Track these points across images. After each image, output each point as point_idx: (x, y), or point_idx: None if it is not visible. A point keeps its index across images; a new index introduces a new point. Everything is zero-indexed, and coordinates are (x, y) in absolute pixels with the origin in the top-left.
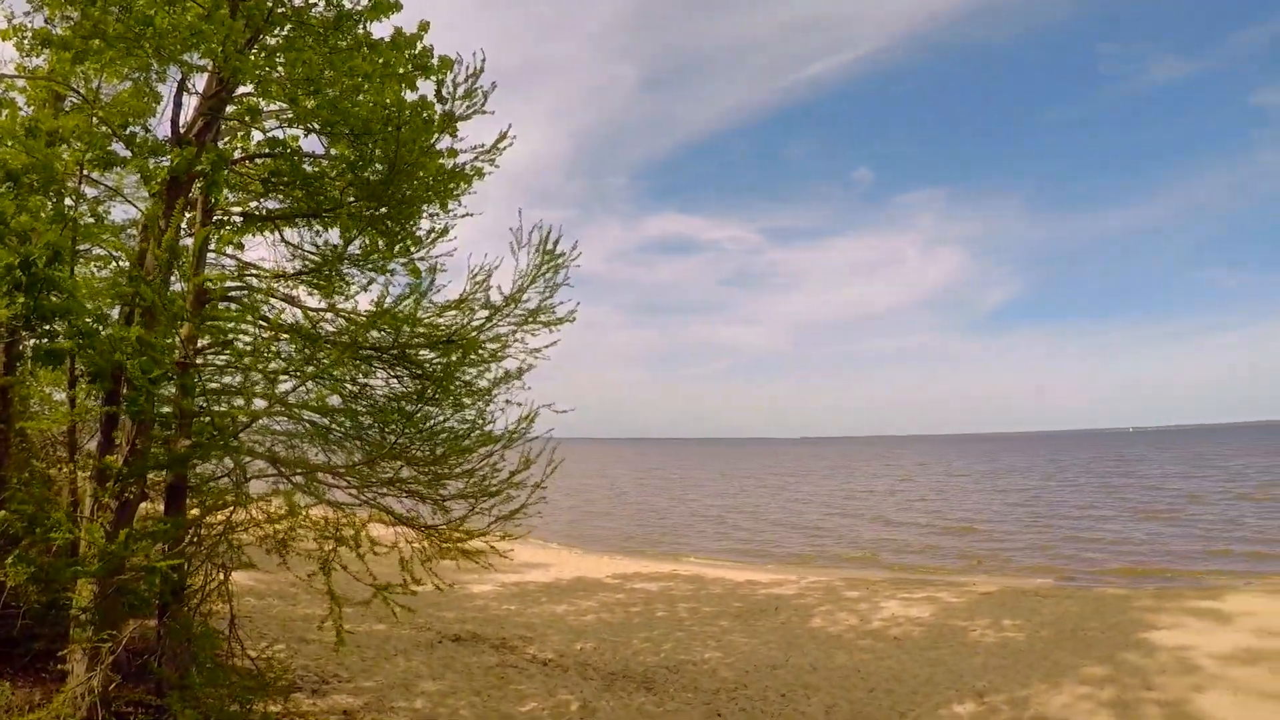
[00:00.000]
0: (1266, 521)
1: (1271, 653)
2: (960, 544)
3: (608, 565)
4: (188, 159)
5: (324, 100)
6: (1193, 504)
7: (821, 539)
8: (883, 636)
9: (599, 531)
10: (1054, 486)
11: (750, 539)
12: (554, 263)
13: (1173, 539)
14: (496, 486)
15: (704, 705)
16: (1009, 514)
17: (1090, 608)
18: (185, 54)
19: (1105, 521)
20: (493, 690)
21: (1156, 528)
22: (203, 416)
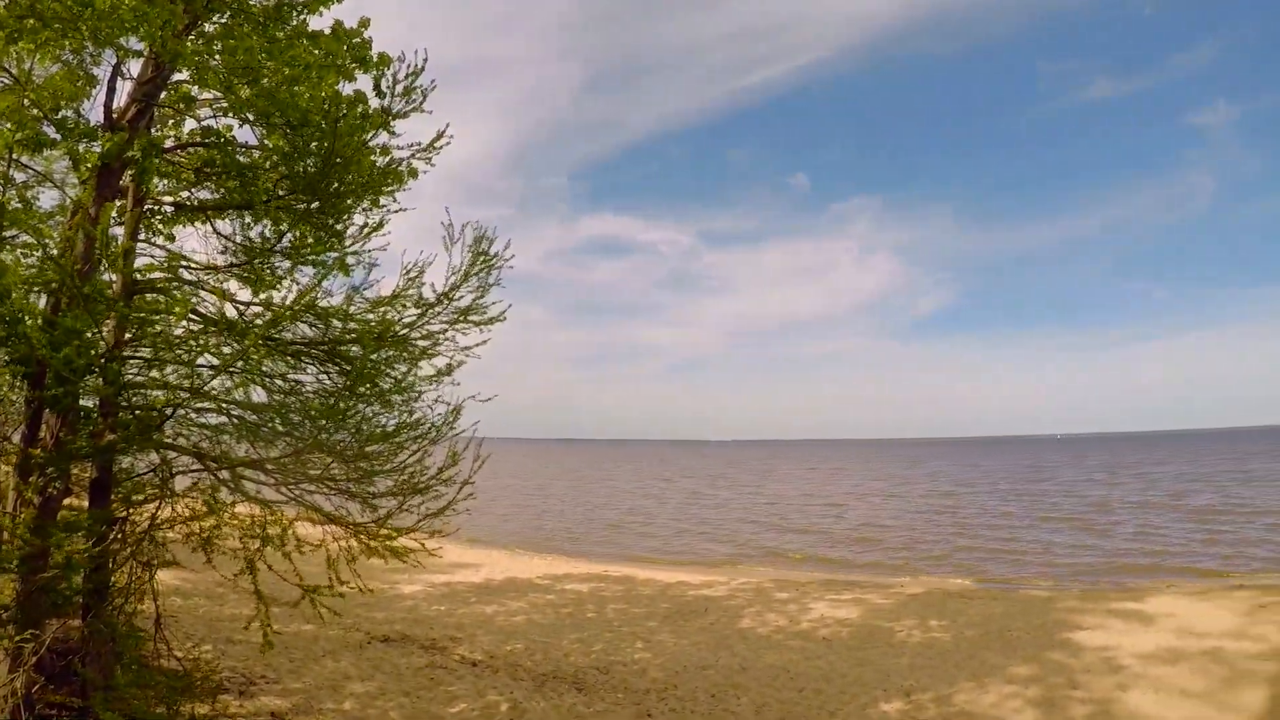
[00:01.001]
0: (1176, 527)
1: (1192, 652)
2: (887, 546)
3: (538, 566)
4: (119, 144)
5: (260, 90)
6: (1108, 511)
7: (750, 540)
8: (811, 637)
9: (530, 532)
10: (980, 491)
11: (681, 540)
12: (487, 262)
13: (1090, 544)
14: (424, 483)
15: (634, 705)
16: (936, 517)
17: (1016, 609)
18: (122, 37)
19: (1028, 527)
20: (422, 691)
21: (1073, 532)
22: (128, 408)
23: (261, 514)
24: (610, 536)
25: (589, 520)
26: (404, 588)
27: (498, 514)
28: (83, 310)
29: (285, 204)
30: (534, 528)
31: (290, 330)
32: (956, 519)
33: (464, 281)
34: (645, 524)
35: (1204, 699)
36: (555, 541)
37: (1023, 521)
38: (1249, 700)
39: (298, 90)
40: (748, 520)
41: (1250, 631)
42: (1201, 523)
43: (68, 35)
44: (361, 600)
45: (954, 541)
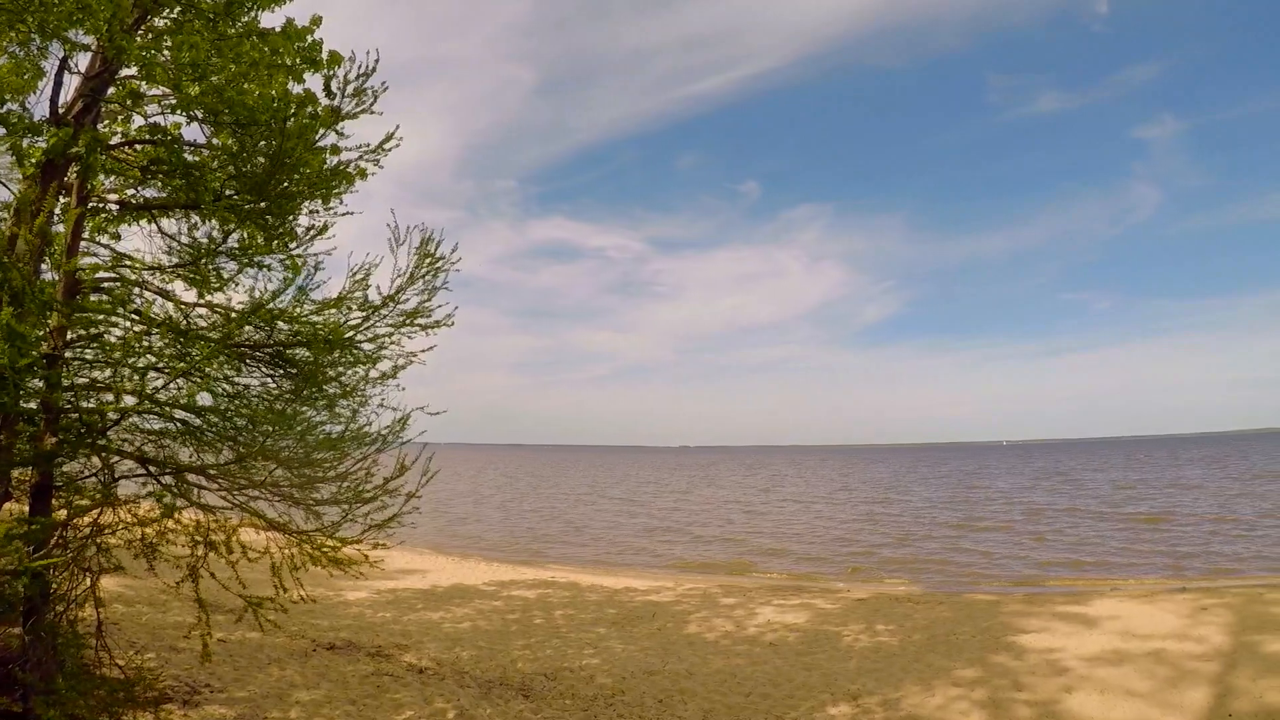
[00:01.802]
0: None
1: (1136, 654)
2: (834, 552)
3: (485, 572)
4: (65, 140)
5: (209, 87)
6: (1050, 516)
7: (697, 545)
8: (758, 642)
9: (476, 538)
10: (924, 497)
11: (627, 546)
12: (434, 265)
13: (1034, 548)
14: (370, 493)
15: (582, 712)
16: (880, 523)
17: (961, 613)
18: (69, 30)
19: (972, 532)
20: (368, 699)
21: (1016, 537)
22: (70, 412)
23: (205, 520)
24: (556, 543)
25: (535, 526)
26: (349, 594)
27: (445, 520)
28: (27, 308)
29: (232, 204)
30: (481, 534)
31: (236, 332)
32: (901, 524)
33: (410, 284)
34: (590, 530)
35: (1148, 699)
36: (502, 547)
37: (967, 527)
38: (1192, 700)
39: (247, 89)
40: (693, 525)
41: (1193, 633)
42: (1141, 528)
43: (14, 27)
44: (306, 607)
45: (900, 547)
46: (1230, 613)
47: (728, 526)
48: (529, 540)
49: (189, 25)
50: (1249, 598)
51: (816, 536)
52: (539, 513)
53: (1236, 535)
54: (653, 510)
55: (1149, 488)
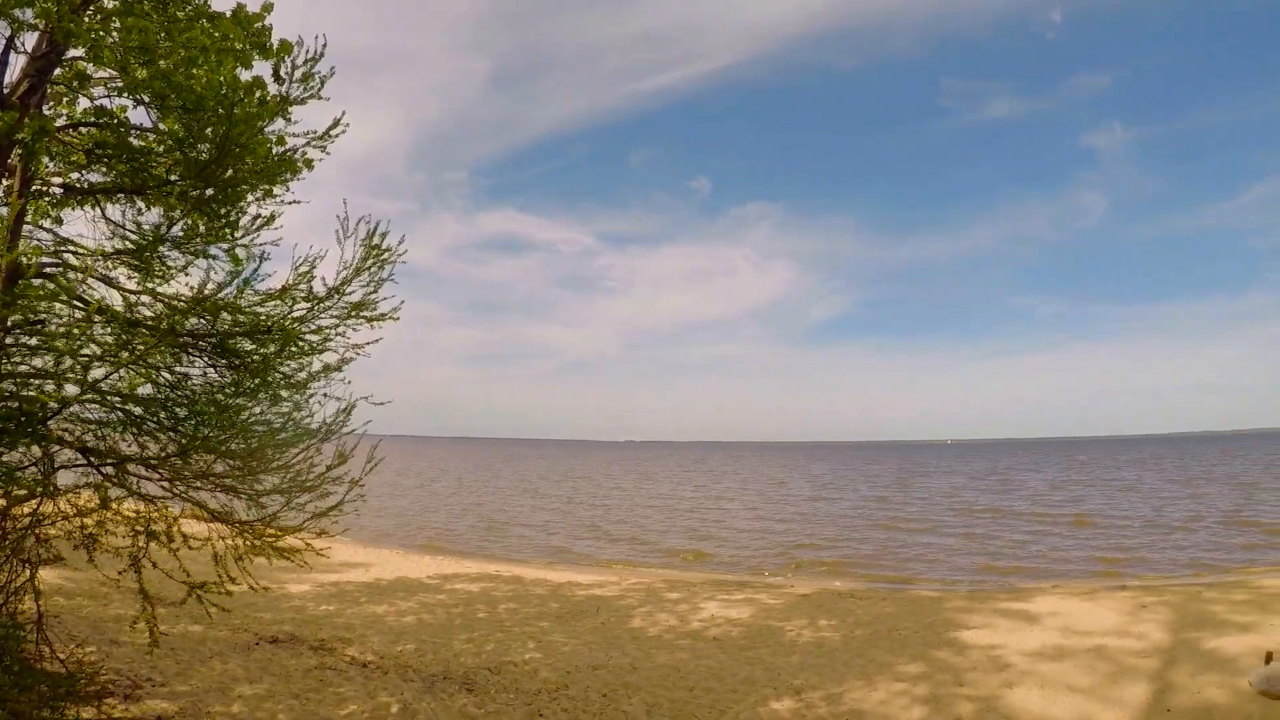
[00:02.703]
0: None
1: (1077, 650)
2: (777, 548)
3: (429, 565)
4: (10, 123)
5: (157, 71)
6: (991, 515)
7: (641, 540)
8: (702, 636)
9: (421, 531)
10: (868, 493)
11: (571, 540)
12: (380, 257)
13: (975, 546)
14: (312, 482)
15: (526, 706)
16: (820, 519)
17: (904, 609)
18: (16, 8)
19: (916, 529)
20: (311, 693)
21: (956, 535)
22: (10, 400)
23: (146, 511)
24: (500, 536)
25: (480, 520)
26: (292, 587)
27: (389, 513)
28: None
29: (177, 190)
30: (425, 527)
31: (179, 322)
32: (838, 521)
33: (355, 276)
34: (533, 524)
35: (1088, 694)
36: (446, 541)
37: (911, 523)
38: (1131, 695)
39: (195, 73)
40: (637, 520)
41: (1133, 630)
42: (1074, 528)
43: None
44: (249, 600)
45: (838, 543)
46: (1170, 610)
47: (673, 521)
48: (473, 534)
49: (139, 7)
50: (1188, 596)
51: (758, 532)
52: (484, 506)
53: (1167, 536)
54: (595, 505)
55: (1085, 488)
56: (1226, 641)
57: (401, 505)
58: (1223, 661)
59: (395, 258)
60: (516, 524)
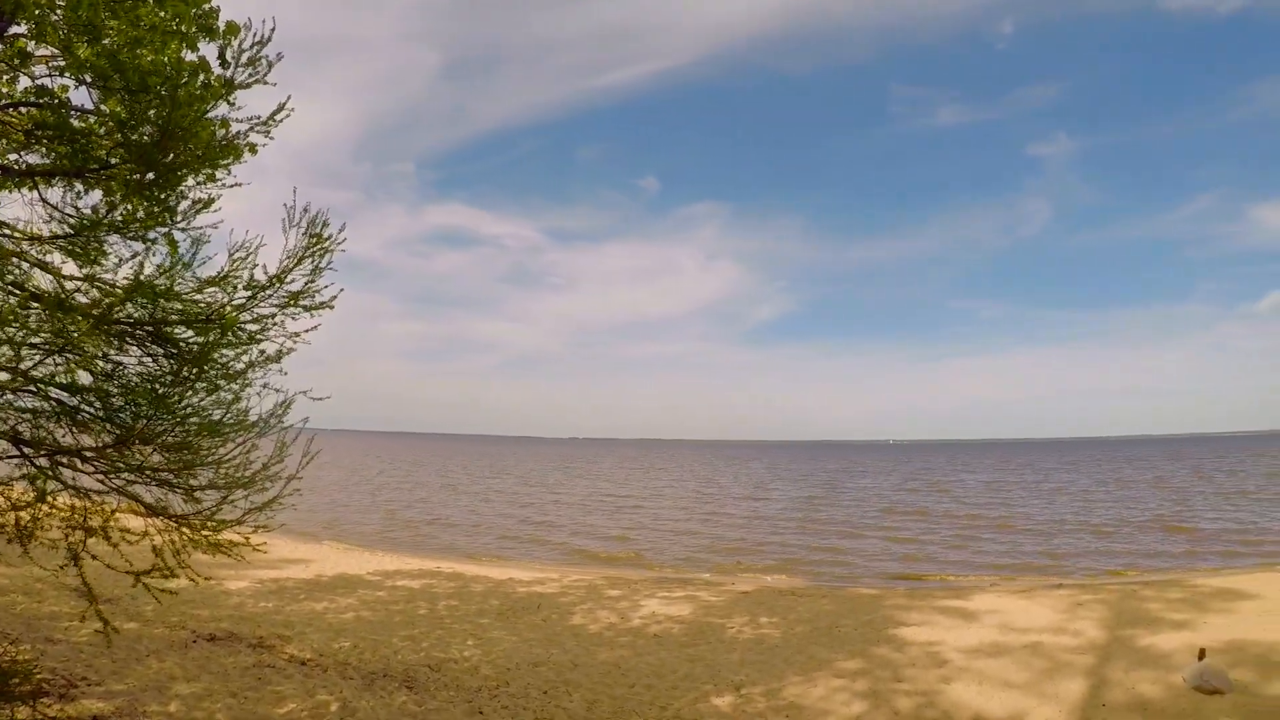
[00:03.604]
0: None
1: (1014, 646)
2: (718, 545)
3: (369, 561)
4: None
5: (101, 50)
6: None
7: (581, 537)
8: (643, 634)
9: (361, 527)
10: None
11: (512, 537)
12: (321, 245)
13: (915, 545)
14: (249, 476)
15: (466, 703)
16: (761, 517)
17: (844, 606)
18: None
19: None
20: (250, 692)
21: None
22: None
23: (83, 505)
24: (441, 532)
25: (422, 516)
26: (231, 584)
27: (330, 509)
28: None
29: (118, 174)
30: (365, 523)
31: (116, 309)
32: (780, 519)
33: (296, 264)
34: (477, 520)
35: (1024, 690)
36: (387, 537)
37: (842, 524)
38: (1067, 690)
39: (140, 53)
40: (578, 516)
41: (1069, 627)
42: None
43: None
44: (187, 597)
45: (781, 541)
46: (1106, 608)
47: (613, 519)
48: (414, 530)
49: None
50: (1124, 594)
51: (698, 531)
52: (424, 502)
53: (1095, 538)
54: (537, 502)
55: (1019, 490)
56: (1161, 638)
57: (344, 501)
58: (1157, 658)
59: (336, 247)
60: (457, 520)
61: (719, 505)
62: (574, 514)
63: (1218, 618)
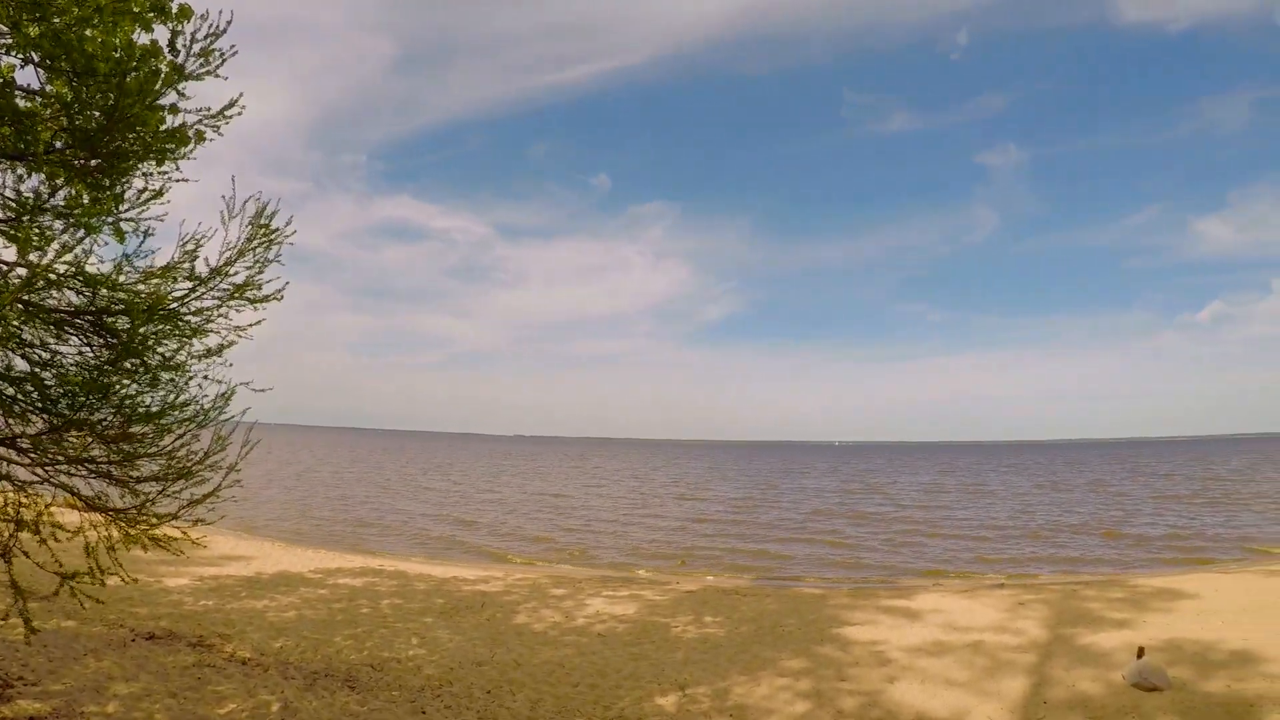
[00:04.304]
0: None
1: (957, 645)
2: (663, 545)
3: (311, 559)
4: None
5: (48, 30)
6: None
7: (524, 536)
8: (587, 632)
9: (303, 524)
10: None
11: (455, 535)
12: (267, 237)
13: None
14: (190, 468)
15: (409, 703)
16: (706, 516)
17: (788, 606)
18: None
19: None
20: (190, 692)
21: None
22: None
23: (15, 497)
24: (385, 530)
25: (364, 513)
26: (170, 581)
27: (270, 505)
28: None
29: (63, 158)
30: (307, 519)
31: (55, 296)
32: (726, 519)
33: (240, 256)
34: (420, 518)
35: (967, 688)
36: (330, 534)
37: (788, 524)
38: (1008, 688)
39: (89, 35)
40: (521, 515)
41: (1011, 626)
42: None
43: None
44: (125, 594)
45: (725, 541)
46: (1048, 608)
47: (557, 517)
48: (356, 527)
49: None
50: (1065, 593)
51: (639, 529)
52: (367, 498)
53: (1029, 539)
54: (479, 500)
55: (957, 493)
56: (1102, 637)
57: (284, 497)
58: (1098, 656)
59: (283, 239)
60: (400, 517)
61: (660, 505)
62: (517, 511)
63: (1157, 617)
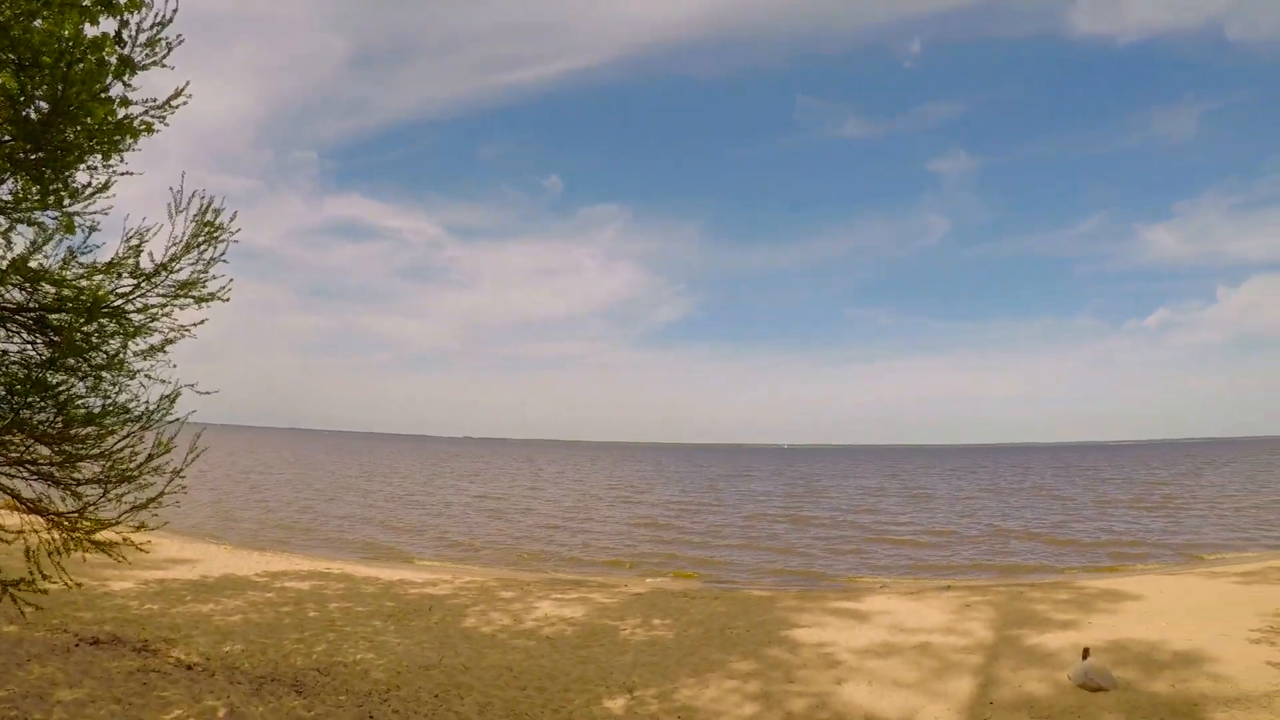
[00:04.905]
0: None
1: (905, 647)
2: (612, 547)
3: (257, 562)
4: None
5: None
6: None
7: (472, 537)
8: (535, 636)
9: (250, 526)
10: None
11: (402, 538)
12: (212, 234)
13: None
14: (133, 471)
15: (357, 708)
16: (654, 519)
17: (737, 608)
18: None
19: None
20: (135, 698)
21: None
22: None
23: None
24: (332, 532)
25: (312, 516)
26: (114, 585)
27: (218, 507)
28: None
29: (6, 151)
30: (254, 521)
31: None
32: (672, 522)
33: (185, 253)
34: (368, 520)
35: (915, 689)
36: (276, 537)
37: (735, 526)
38: (956, 689)
39: (35, 26)
40: (464, 519)
41: (958, 627)
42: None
43: None
44: (69, 599)
45: (671, 544)
46: (994, 609)
47: (498, 522)
48: (304, 530)
49: None
50: (1011, 595)
51: (587, 532)
52: (316, 501)
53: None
54: (427, 503)
55: (898, 496)
56: (1048, 638)
57: (233, 499)
58: (1044, 657)
59: (229, 236)
60: (348, 520)
61: (608, 508)
62: (465, 514)
63: (1102, 618)
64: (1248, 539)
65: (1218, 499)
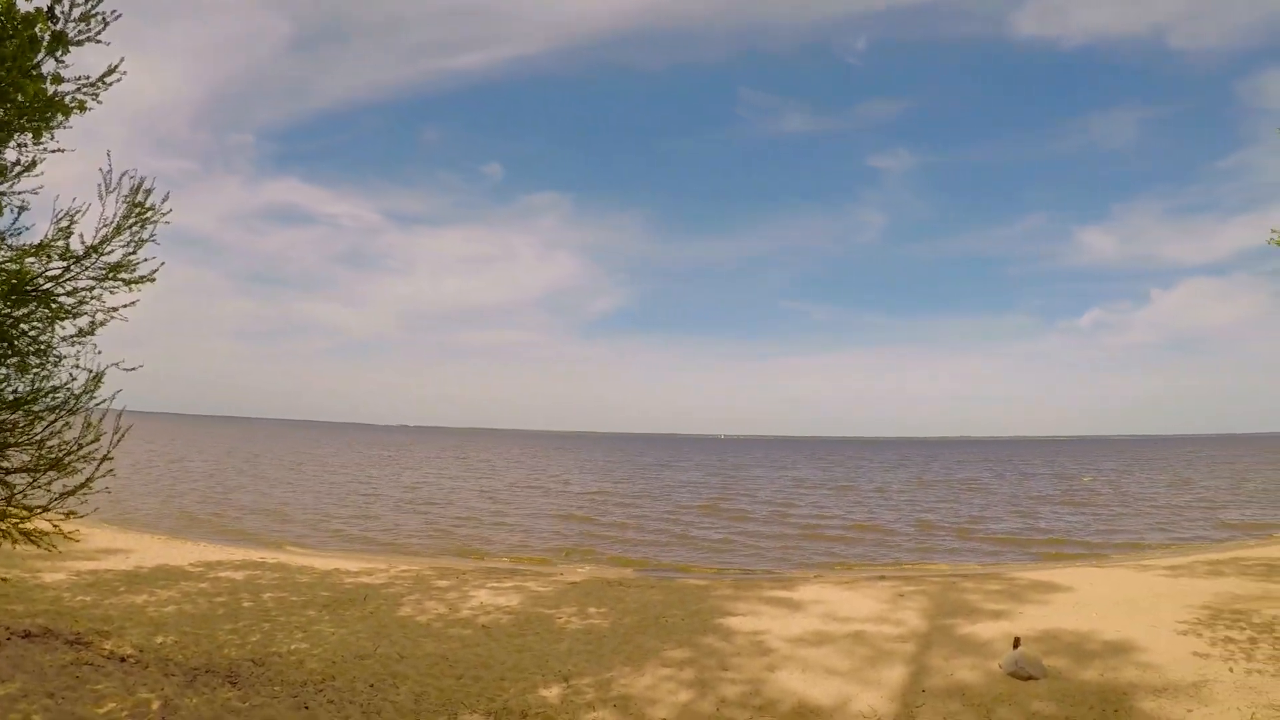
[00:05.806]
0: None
1: (838, 635)
2: (547, 535)
3: (191, 552)
4: None
5: None
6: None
7: (408, 527)
8: (471, 624)
9: (183, 516)
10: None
11: (341, 527)
12: (142, 216)
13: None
14: (63, 457)
15: (291, 698)
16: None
17: (672, 597)
18: None
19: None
20: (68, 691)
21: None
22: None
23: None
24: (270, 521)
25: (249, 504)
26: (47, 576)
27: (152, 497)
28: None
29: None
30: (188, 511)
31: None
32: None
33: (116, 235)
34: (299, 509)
35: (848, 676)
36: (209, 526)
37: (669, 516)
38: (889, 677)
39: None
40: (401, 507)
41: (892, 617)
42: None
43: None
44: None
45: (606, 532)
46: (927, 599)
47: (430, 510)
48: (240, 518)
49: None
50: (944, 585)
51: (524, 521)
52: (253, 489)
53: (883, 537)
54: (359, 492)
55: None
56: (980, 628)
57: (166, 489)
58: (976, 646)
59: (160, 217)
60: (287, 509)
61: (542, 497)
62: (400, 502)
63: (1034, 609)
64: (1173, 535)
65: (1146, 494)
